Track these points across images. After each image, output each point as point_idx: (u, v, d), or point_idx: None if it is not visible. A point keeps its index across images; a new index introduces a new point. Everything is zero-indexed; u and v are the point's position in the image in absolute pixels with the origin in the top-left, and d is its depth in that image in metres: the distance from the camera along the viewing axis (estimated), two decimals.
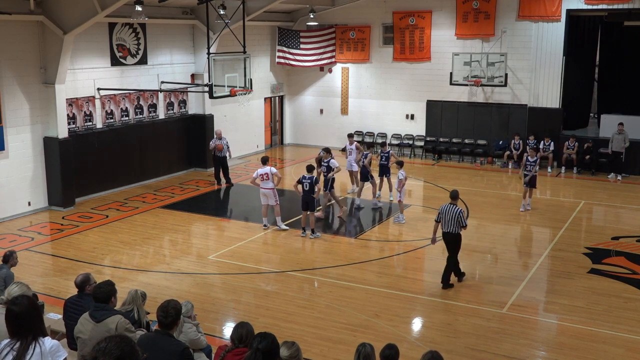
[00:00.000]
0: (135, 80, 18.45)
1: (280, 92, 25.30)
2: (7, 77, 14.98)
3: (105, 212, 16.03)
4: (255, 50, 22.68)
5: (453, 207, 10.93)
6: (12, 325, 4.23)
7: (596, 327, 9.75)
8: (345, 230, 15.20)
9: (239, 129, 22.45)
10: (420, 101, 23.04)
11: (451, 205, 10.96)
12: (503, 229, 15.04)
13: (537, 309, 10.70)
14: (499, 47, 21.32)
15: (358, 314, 10.19)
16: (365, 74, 23.96)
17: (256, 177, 14.45)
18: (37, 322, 4.34)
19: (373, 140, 23.78)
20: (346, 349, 8.78)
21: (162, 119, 19.77)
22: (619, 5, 19.87)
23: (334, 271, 12.13)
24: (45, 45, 15.47)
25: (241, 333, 5.52)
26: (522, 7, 21.06)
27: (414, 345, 9.22)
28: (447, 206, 11.00)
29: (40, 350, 4.21)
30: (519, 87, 21.51)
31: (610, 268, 12.27)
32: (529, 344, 9.31)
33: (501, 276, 12.00)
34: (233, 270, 12.20)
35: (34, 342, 4.20)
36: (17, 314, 4.22)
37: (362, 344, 5.75)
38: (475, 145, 22.35)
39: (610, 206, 17.20)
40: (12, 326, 4.23)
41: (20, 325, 4.19)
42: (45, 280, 11.66)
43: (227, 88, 16.97)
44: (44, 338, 4.30)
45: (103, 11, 14.84)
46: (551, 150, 20.67)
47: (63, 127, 15.98)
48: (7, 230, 14.51)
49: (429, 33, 22.53)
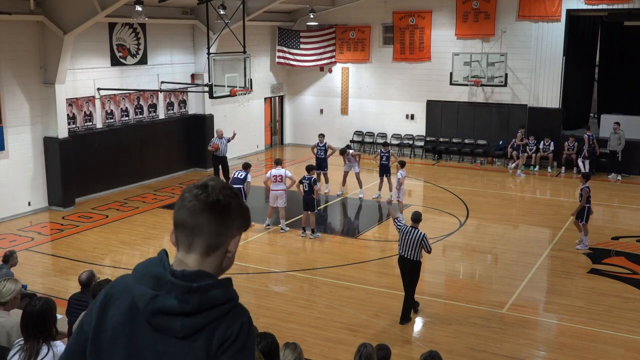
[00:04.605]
0: (135, 80, 18.45)
1: (280, 92, 25.30)
2: (7, 77, 14.97)
3: (105, 212, 16.03)
4: (255, 50, 22.68)
5: (415, 230, 9.79)
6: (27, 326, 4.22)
7: (596, 327, 9.75)
8: (345, 230, 15.19)
9: (239, 129, 22.40)
10: (420, 101, 23.04)
11: (412, 229, 9.82)
12: (503, 229, 15.04)
13: (537, 309, 10.70)
14: (499, 47, 21.32)
15: (358, 314, 10.19)
16: (365, 74, 23.96)
17: (269, 177, 14.42)
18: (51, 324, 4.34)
19: (373, 140, 23.79)
20: (346, 349, 8.78)
21: (162, 119, 19.77)
22: (619, 5, 19.86)
23: (334, 271, 12.13)
24: (45, 45, 15.47)
25: None
26: (522, 7, 21.05)
27: (414, 345, 9.23)
28: (409, 229, 9.84)
29: (53, 353, 4.20)
30: (519, 87, 21.51)
31: (610, 268, 12.27)
32: (529, 344, 9.32)
33: (501, 276, 12.00)
34: (233, 270, 12.17)
35: (47, 345, 4.20)
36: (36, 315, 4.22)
37: (362, 344, 5.75)
38: (475, 145, 22.34)
39: (610, 206, 17.20)
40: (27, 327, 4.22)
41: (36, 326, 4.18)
42: (45, 280, 11.66)
43: (227, 88, 16.98)
44: (55, 341, 4.30)
45: (103, 11, 14.84)
46: (551, 150, 20.67)
47: (63, 127, 15.98)
48: (7, 230, 14.51)
49: (429, 33, 22.53)
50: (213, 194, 2.07)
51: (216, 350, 2.01)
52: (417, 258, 9.81)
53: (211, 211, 2.06)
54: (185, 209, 2.07)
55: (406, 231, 9.82)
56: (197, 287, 2.01)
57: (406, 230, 9.82)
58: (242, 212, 2.16)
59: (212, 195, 2.07)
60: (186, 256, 2.08)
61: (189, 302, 1.99)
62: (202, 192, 2.08)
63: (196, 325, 2.00)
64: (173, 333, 2.01)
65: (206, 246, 2.08)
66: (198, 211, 2.06)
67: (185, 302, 1.99)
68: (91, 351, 2.12)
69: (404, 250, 9.85)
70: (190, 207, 2.06)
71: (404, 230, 9.85)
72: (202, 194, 2.07)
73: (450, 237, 13.89)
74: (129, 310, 2.06)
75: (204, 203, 2.06)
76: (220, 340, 2.01)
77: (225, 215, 2.09)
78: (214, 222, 2.07)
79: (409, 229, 9.83)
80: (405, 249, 9.83)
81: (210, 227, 2.07)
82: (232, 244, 2.15)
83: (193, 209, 2.06)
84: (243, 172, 14.66)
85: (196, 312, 2.00)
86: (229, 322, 2.03)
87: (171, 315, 2.00)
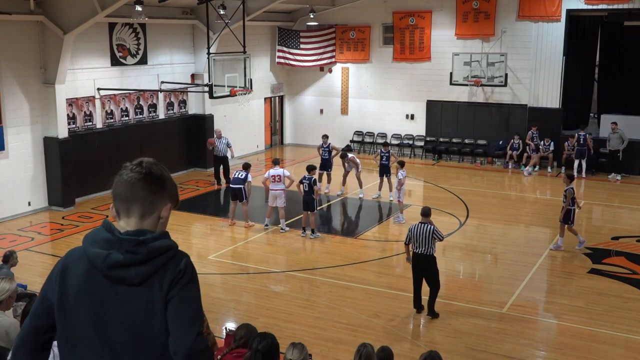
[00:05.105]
0: (135, 80, 18.45)
1: (280, 92, 25.30)
2: (7, 77, 14.98)
3: (105, 212, 16.02)
4: (255, 50, 22.68)
5: (425, 225, 9.92)
6: None
7: (596, 327, 9.75)
8: (345, 230, 15.19)
9: (239, 129, 22.43)
10: (420, 101, 23.04)
11: (422, 225, 9.95)
12: (503, 229, 15.03)
13: (537, 309, 10.70)
14: (499, 47, 21.31)
15: (358, 314, 10.19)
16: (365, 74, 23.96)
17: (267, 177, 14.42)
18: None
19: (373, 140, 23.79)
20: (346, 349, 8.78)
21: (162, 119, 19.77)
22: (619, 5, 19.86)
23: (334, 271, 12.13)
24: (45, 45, 15.47)
25: (240, 334, 5.52)
26: (522, 7, 21.05)
27: (414, 345, 9.23)
28: (417, 225, 9.96)
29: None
30: (519, 87, 21.51)
31: (610, 268, 12.27)
32: (529, 344, 9.32)
33: (501, 276, 12.00)
34: (233, 270, 12.20)
35: None
36: None
37: (362, 344, 5.75)
38: (475, 145, 22.34)
39: (610, 206, 17.20)
40: None
41: None
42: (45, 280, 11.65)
43: (227, 88, 16.98)
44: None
45: (103, 11, 14.84)
46: (551, 150, 20.66)
47: (63, 127, 15.98)
48: (7, 230, 14.51)
49: (429, 33, 22.53)
50: (146, 168, 2.45)
51: (169, 287, 2.36)
52: (431, 252, 9.90)
53: (144, 181, 2.43)
54: (122, 182, 2.45)
55: (416, 228, 9.93)
56: (143, 239, 2.38)
57: (415, 227, 9.94)
58: (171, 183, 2.53)
59: (145, 169, 2.44)
60: (126, 221, 2.44)
61: (138, 252, 2.36)
62: (137, 166, 2.46)
63: (148, 272, 2.36)
64: (130, 282, 2.36)
65: (142, 211, 2.44)
66: (134, 182, 2.43)
67: (135, 253, 2.36)
68: (58, 315, 2.46)
69: (417, 247, 9.94)
70: (127, 179, 2.44)
71: (413, 229, 9.96)
72: (136, 168, 2.45)
73: (450, 237, 13.88)
74: (87, 271, 2.41)
75: (138, 174, 2.43)
76: (171, 278, 2.37)
77: (157, 184, 2.46)
78: (147, 189, 2.43)
79: (418, 225, 9.95)
80: (419, 246, 9.92)
81: (144, 194, 2.43)
82: (164, 210, 2.49)
83: (130, 180, 2.43)
84: (243, 172, 14.66)
85: (146, 261, 2.36)
86: (176, 263, 2.40)
87: (125, 267, 2.35)
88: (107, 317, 2.38)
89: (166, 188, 2.50)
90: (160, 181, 2.48)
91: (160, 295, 2.36)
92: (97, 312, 2.39)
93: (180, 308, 2.36)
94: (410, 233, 10.02)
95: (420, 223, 10.00)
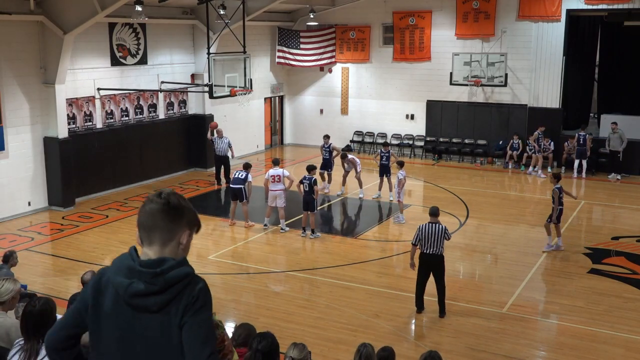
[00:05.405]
0: (135, 80, 18.45)
1: (280, 92, 25.30)
2: (7, 77, 14.98)
3: (105, 212, 16.03)
4: (255, 50, 22.68)
5: (435, 225, 9.87)
6: (27, 326, 4.21)
7: (596, 327, 9.75)
8: (345, 230, 15.19)
9: (239, 129, 22.43)
10: (420, 101, 23.04)
11: (431, 225, 9.89)
12: (503, 229, 15.03)
13: (537, 309, 10.70)
14: (499, 47, 21.32)
15: (358, 314, 10.19)
16: (365, 74, 23.96)
17: (267, 178, 14.41)
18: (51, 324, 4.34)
19: (373, 140, 23.79)
20: (346, 349, 8.78)
21: (162, 119, 19.77)
22: (619, 5, 19.87)
23: (334, 271, 12.13)
24: (45, 45, 15.47)
25: (240, 333, 5.52)
26: (522, 7, 21.06)
27: (414, 345, 9.23)
28: (427, 225, 9.91)
29: None
30: (519, 87, 21.50)
31: (610, 268, 12.27)
32: (529, 344, 9.32)
33: (501, 276, 12.00)
34: (233, 270, 12.20)
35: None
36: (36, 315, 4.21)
37: (362, 344, 5.75)
38: (475, 145, 22.34)
39: (610, 206, 17.20)
40: (27, 327, 4.21)
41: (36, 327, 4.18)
42: (45, 280, 11.66)
43: (227, 88, 16.97)
44: None
45: (103, 11, 14.84)
46: (551, 150, 20.65)
47: (63, 127, 15.98)
48: (7, 230, 14.51)
49: (429, 33, 22.53)
50: (164, 198, 2.65)
51: (182, 313, 2.57)
52: (441, 252, 9.91)
53: (163, 211, 2.63)
54: (144, 212, 2.66)
55: (426, 228, 9.87)
56: (160, 271, 2.58)
57: (426, 227, 9.88)
58: (189, 211, 2.71)
59: (163, 199, 2.65)
60: (149, 248, 2.65)
61: (156, 283, 2.57)
62: (157, 197, 2.67)
63: (166, 300, 2.57)
64: (149, 309, 2.58)
65: (162, 239, 2.65)
66: (154, 212, 2.64)
67: (154, 284, 2.56)
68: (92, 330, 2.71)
69: (428, 247, 9.88)
70: (148, 209, 2.65)
71: (423, 229, 9.89)
72: (156, 199, 2.66)
73: None
74: (114, 298, 2.63)
75: (157, 204, 2.64)
76: (185, 304, 2.57)
77: (174, 213, 2.65)
78: (166, 219, 2.64)
79: (428, 225, 9.89)
80: (430, 246, 9.86)
81: (163, 223, 2.64)
82: (183, 237, 2.68)
83: (150, 211, 2.64)
84: (244, 172, 14.67)
85: (164, 290, 2.57)
86: (191, 290, 2.60)
87: (145, 296, 2.57)
88: (130, 340, 2.62)
89: (184, 216, 2.68)
90: (178, 210, 2.66)
91: (176, 320, 2.57)
92: (122, 336, 2.64)
93: (193, 332, 2.57)
94: (421, 233, 9.91)
95: (430, 223, 9.93)
